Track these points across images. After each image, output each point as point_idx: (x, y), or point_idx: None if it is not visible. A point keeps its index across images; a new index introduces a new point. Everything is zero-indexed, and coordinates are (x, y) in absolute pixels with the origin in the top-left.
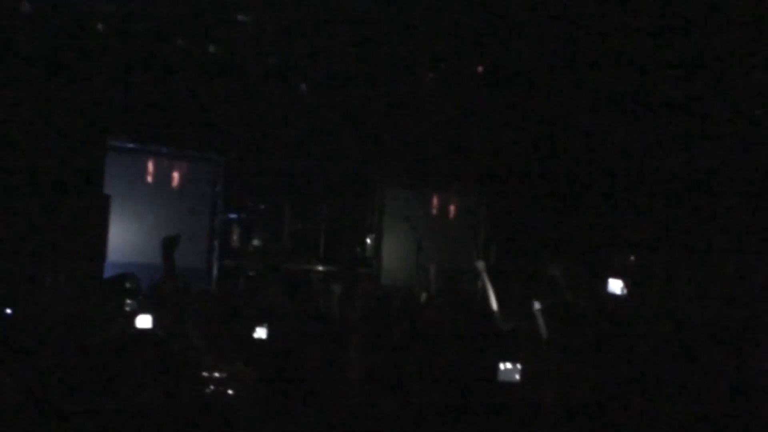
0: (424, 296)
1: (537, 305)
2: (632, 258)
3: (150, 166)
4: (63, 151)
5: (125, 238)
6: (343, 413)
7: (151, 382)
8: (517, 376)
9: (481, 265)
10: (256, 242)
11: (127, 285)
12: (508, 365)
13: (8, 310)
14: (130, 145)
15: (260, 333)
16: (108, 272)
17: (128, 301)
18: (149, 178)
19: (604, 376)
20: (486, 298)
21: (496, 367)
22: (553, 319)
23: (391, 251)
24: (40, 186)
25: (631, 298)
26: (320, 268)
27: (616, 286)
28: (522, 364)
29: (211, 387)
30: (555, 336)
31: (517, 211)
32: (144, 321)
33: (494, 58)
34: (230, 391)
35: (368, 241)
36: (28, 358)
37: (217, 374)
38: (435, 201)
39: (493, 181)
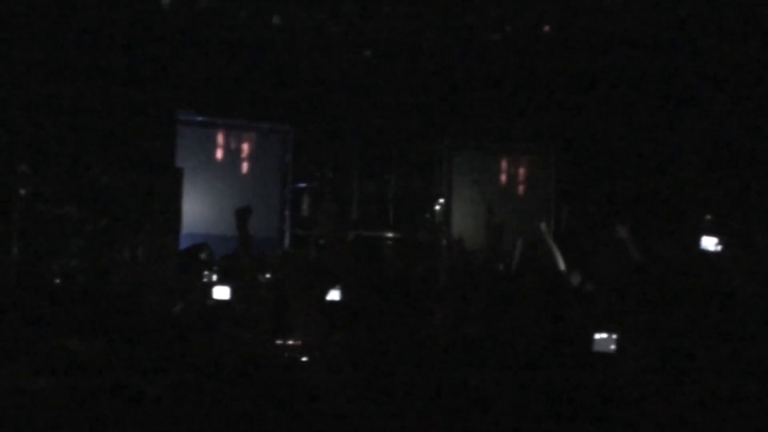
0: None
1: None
2: (708, 217)
3: (220, 138)
4: (135, 127)
5: (197, 211)
6: (426, 382)
7: (229, 353)
8: (613, 346)
9: (543, 226)
10: (325, 211)
11: (203, 256)
12: (603, 335)
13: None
14: (200, 119)
15: (333, 295)
16: (182, 244)
17: (205, 272)
18: (219, 151)
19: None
20: (553, 260)
21: (591, 338)
22: (628, 283)
23: (461, 216)
24: (114, 163)
25: (727, 255)
26: (390, 234)
27: (709, 242)
28: (617, 333)
29: (286, 355)
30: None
31: (588, 171)
32: (222, 292)
33: (561, 16)
34: (305, 359)
35: (437, 207)
36: (113, 329)
37: (291, 342)
38: (504, 164)
39: (562, 141)
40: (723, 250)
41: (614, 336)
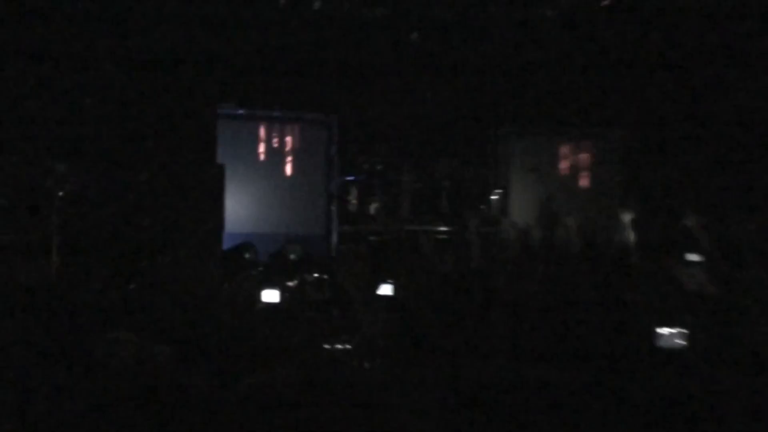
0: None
1: (694, 257)
2: None
3: (262, 132)
4: (175, 123)
5: (239, 208)
6: (484, 383)
7: (281, 357)
8: (679, 341)
9: (626, 216)
10: (375, 205)
11: (247, 255)
12: (668, 330)
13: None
14: (240, 112)
15: (385, 290)
16: (225, 243)
17: (252, 273)
18: (261, 145)
19: None
20: (628, 249)
21: (654, 333)
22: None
23: (520, 207)
24: (154, 160)
25: None
26: (443, 228)
27: None
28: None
29: (336, 358)
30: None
31: (655, 158)
32: (271, 295)
33: None
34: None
35: (493, 197)
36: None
37: (339, 346)
38: (564, 150)
39: (627, 125)
40: None
41: (682, 331)
